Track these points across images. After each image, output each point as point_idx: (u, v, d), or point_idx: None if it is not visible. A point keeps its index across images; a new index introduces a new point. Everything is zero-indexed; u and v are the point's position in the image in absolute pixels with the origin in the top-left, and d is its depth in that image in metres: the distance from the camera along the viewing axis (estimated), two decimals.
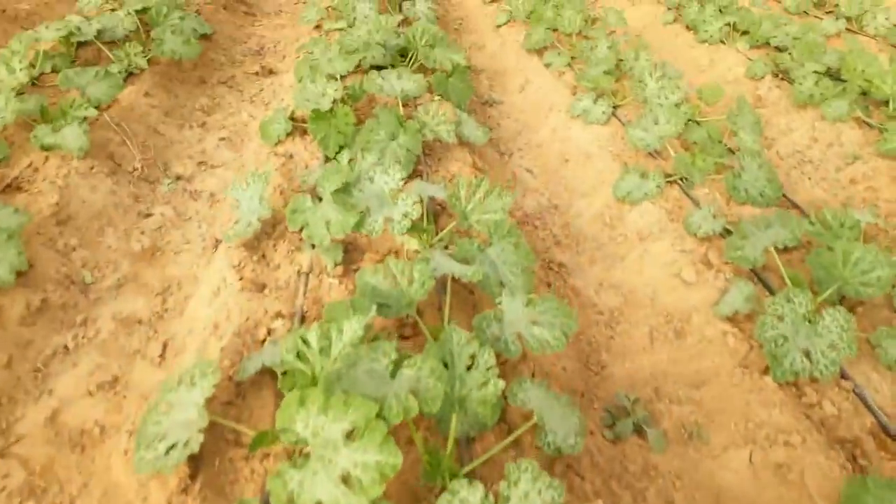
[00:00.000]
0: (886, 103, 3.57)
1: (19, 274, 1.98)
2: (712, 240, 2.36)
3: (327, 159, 2.70)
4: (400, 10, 4.79)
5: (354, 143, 2.69)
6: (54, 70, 3.35)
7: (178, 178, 2.89)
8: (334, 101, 2.77)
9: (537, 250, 2.63)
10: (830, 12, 5.92)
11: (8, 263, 1.95)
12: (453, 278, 1.79)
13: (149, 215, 2.58)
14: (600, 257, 2.55)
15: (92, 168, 2.56)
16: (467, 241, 1.94)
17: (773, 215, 2.16)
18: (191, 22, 4.06)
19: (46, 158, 2.51)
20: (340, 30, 4.37)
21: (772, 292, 2.09)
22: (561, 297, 2.35)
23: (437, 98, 3.44)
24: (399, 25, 4.65)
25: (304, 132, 2.89)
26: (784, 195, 2.72)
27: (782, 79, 4.19)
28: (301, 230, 1.95)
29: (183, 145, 3.17)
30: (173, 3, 4.19)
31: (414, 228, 2.01)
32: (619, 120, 3.36)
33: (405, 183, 2.61)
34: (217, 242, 2.41)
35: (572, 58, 4.20)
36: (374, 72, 2.98)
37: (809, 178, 3.35)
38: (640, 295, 2.27)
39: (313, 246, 2.04)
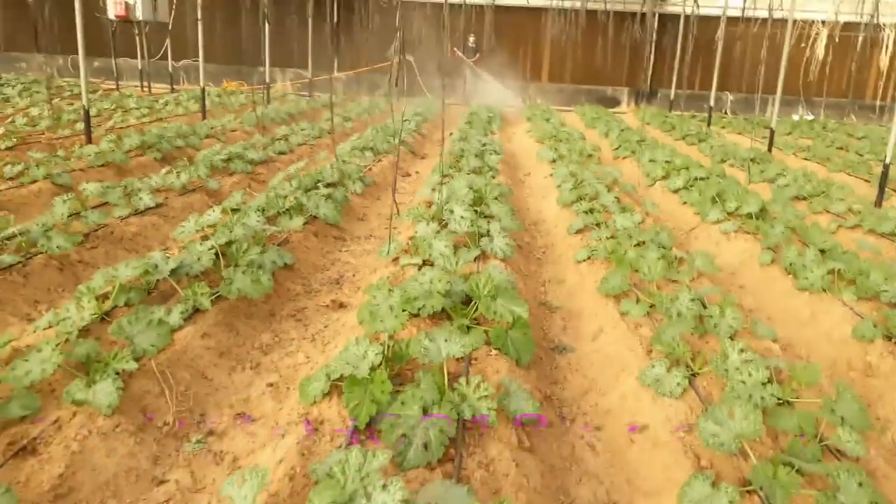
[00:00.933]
0: None
1: None
2: None
3: (356, 429, 2.50)
4: (478, 244, 4.80)
5: (387, 412, 2.49)
6: (128, 304, 3.48)
7: (210, 433, 2.76)
8: (372, 367, 2.62)
9: None
10: None
11: None
12: None
13: (162, 482, 2.42)
14: None
15: (117, 426, 2.49)
16: None
17: None
18: (271, 255, 4.21)
19: (74, 415, 2.47)
20: (416, 265, 4.40)
21: None
22: None
23: (493, 353, 3.24)
24: (475, 260, 4.65)
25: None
26: None
27: None
28: None
29: (228, 391, 3.09)
30: (261, 237, 4.40)
31: None
32: (698, 393, 2.99)
33: (442, 457, 2.33)
34: None
35: (651, 306, 3.94)
36: (423, 334, 2.84)
37: None
38: None
39: None
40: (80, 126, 8.89)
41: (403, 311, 3.37)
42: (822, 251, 5.13)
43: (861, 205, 7.04)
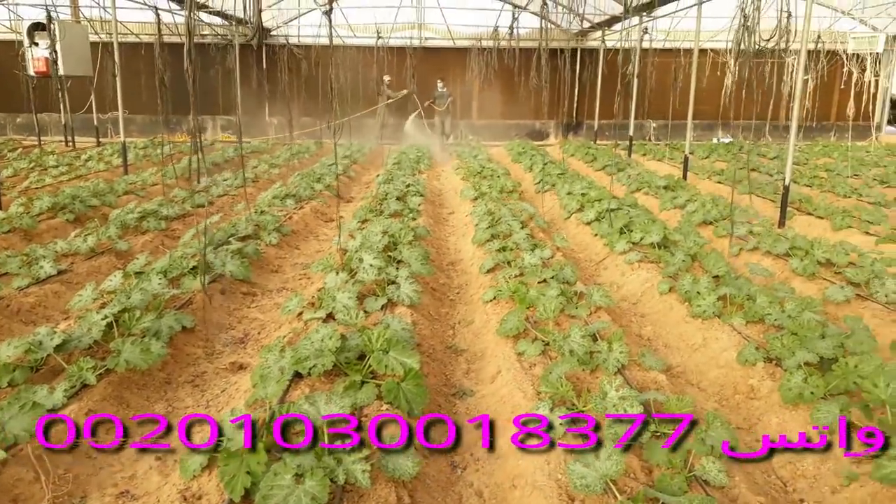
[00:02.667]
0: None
1: None
2: None
3: (232, 502, 2.49)
4: (385, 292, 4.86)
5: (261, 485, 2.49)
6: (11, 384, 3.39)
7: None
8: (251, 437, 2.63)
9: None
10: (840, 273, 5.73)
11: None
12: None
13: None
14: None
15: None
16: None
17: None
18: (168, 320, 4.17)
19: None
20: (319, 318, 4.42)
21: None
22: None
23: (384, 407, 3.28)
24: (383, 309, 4.70)
25: None
26: None
27: (777, 365, 3.89)
28: None
29: (113, 469, 3.03)
30: (159, 302, 4.36)
31: None
32: (579, 434, 3.09)
33: None
34: None
35: (546, 344, 4.06)
36: (303, 398, 2.87)
37: (802, 501, 2.91)
38: None
39: None
40: None
41: (296, 372, 3.42)
42: (717, 277, 5.38)
43: (763, 227, 7.39)
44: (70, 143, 16.70)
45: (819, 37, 16.92)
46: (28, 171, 11.75)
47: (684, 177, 11.78)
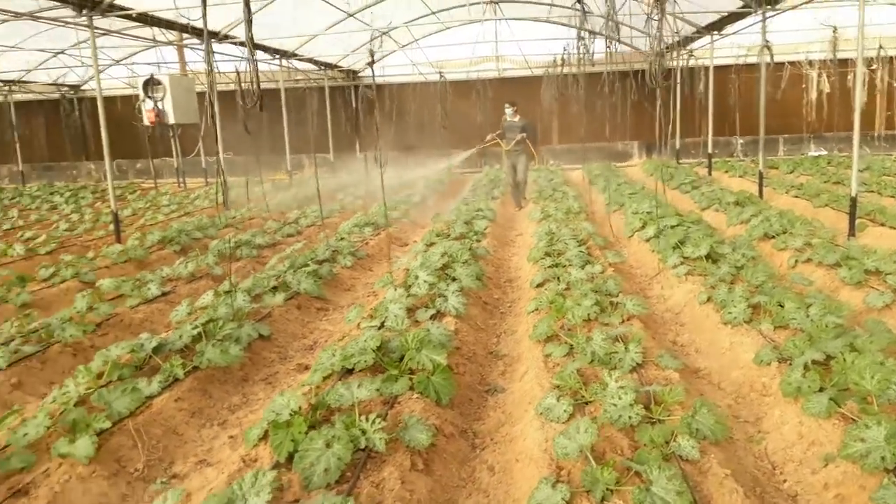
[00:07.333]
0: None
1: None
2: None
3: (278, 462, 3.10)
4: (434, 304, 5.41)
5: (299, 448, 3.08)
6: (120, 378, 4.18)
7: (174, 476, 3.40)
8: (292, 413, 3.24)
9: None
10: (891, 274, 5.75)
11: None
12: None
13: None
14: None
15: (93, 472, 3.14)
16: None
17: None
18: (247, 329, 4.90)
19: (59, 465, 3.14)
20: (374, 327, 5.03)
21: None
22: None
23: (415, 396, 3.81)
24: (432, 319, 5.25)
25: None
26: None
27: (790, 364, 4.11)
28: None
29: (195, 444, 3.73)
30: (239, 315, 5.12)
31: None
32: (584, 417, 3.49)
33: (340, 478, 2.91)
34: None
35: (572, 347, 4.46)
36: (340, 384, 3.46)
37: (786, 481, 3.19)
38: None
39: None
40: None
41: (345, 368, 4.03)
42: (758, 287, 5.56)
43: (822, 238, 7.39)
44: (182, 185, 18.47)
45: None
46: (145, 210, 13.25)
47: (760, 192, 11.67)
